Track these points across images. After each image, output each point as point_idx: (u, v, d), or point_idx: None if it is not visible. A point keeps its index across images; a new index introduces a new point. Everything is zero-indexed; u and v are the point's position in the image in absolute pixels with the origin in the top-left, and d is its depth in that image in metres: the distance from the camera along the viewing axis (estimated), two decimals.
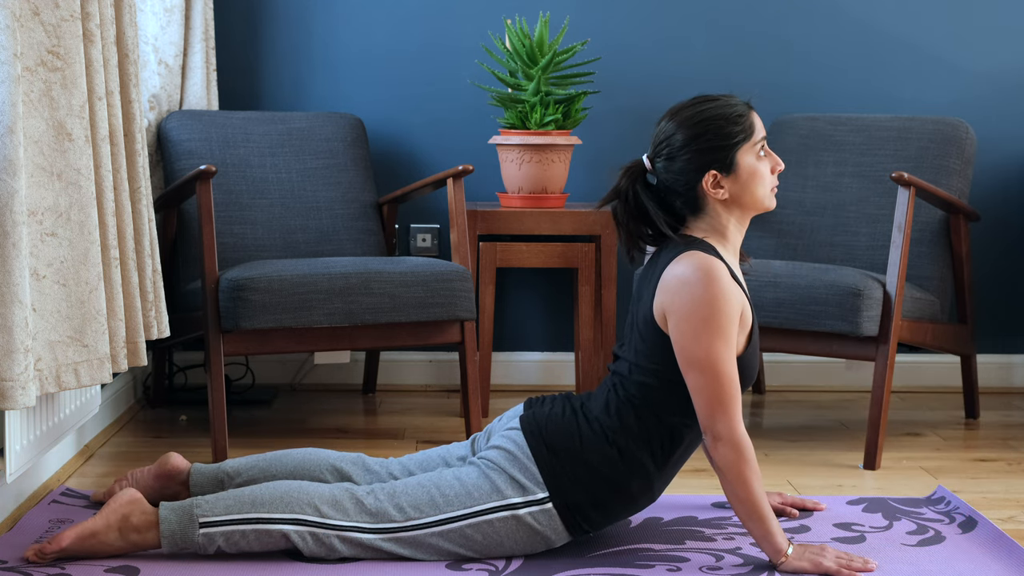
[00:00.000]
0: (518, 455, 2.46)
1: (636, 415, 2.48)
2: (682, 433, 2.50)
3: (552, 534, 2.46)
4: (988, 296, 4.18)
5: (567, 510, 2.45)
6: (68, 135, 2.51)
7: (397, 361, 4.17)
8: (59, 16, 2.49)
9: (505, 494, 2.44)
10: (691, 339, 2.39)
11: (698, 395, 2.41)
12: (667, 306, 2.43)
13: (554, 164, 3.79)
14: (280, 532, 2.41)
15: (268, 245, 3.68)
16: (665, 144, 2.51)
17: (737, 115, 2.49)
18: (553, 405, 2.55)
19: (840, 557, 2.42)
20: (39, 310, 2.45)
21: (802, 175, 3.85)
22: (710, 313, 2.39)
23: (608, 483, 2.46)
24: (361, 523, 2.43)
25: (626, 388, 2.50)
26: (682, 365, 2.42)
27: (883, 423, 3.24)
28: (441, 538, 2.44)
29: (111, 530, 2.42)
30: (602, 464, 2.46)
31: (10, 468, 2.57)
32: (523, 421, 2.52)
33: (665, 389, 2.47)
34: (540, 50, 3.76)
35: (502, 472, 2.46)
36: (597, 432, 2.48)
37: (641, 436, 2.47)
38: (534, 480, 2.44)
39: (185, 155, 3.70)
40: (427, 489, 2.46)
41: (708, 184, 2.47)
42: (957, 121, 3.75)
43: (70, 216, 2.52)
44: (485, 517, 2.43)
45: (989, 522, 2.69)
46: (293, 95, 4.11)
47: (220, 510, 2.41)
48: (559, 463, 2.45)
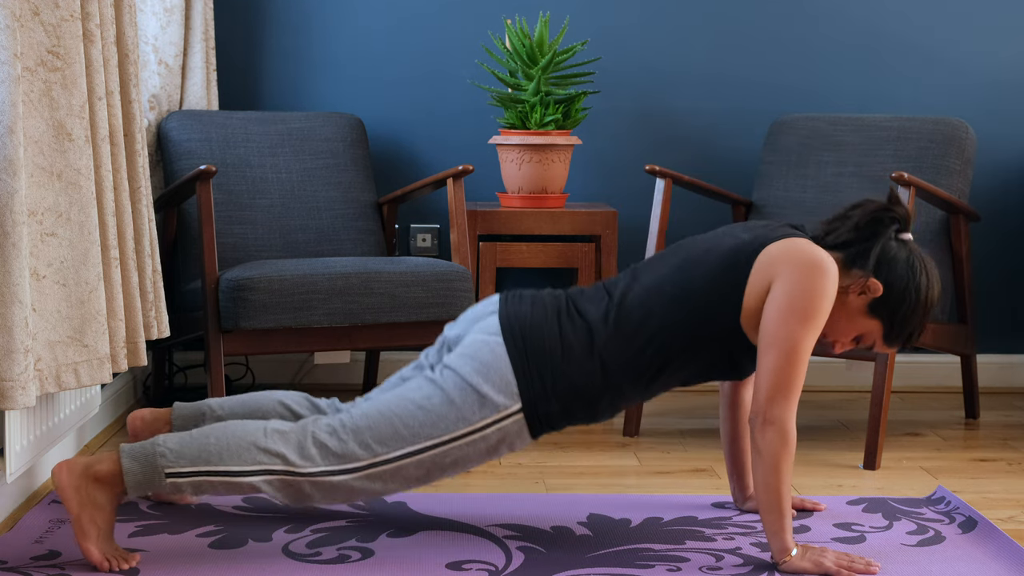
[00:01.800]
0: (493, 363, 2.43)
1: (637, 342, 2.45)
2: (675, 378, 2.49)
3: (518, 441, 2.45)
4: (988, 296, 4.18)
5: (536, 419, 2.44)
6: (68, 135, 2.51)
7: (397, 361, 4.17)
8: (59, 16, 2.49)
9: (472, 420, 2.41)
10: (786, 319, 2.38)
11: (769, 375, 2.38)
12: (776, 276, 2.41)
13: (554, 164, 3.79)
14: (249, 483, 2.40)
15: (268, 245, 3.68)
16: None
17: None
18: (535, 304, 2.51)
19: (841, 558, 2.42)
20: (39, 310, 2.45)
21: (802, 175, 3.85)
22: (812, 304, 2.39)
23: (581, 396, 2.45)
24: (329, 467, 2.41)
25: (638, 310, 2.46)
26: (766, 342, 2.40)
27: (883, 423, 3.24)
28: (411, 468, 2.42)
29: (84, 506, 2.38)
30: (580, 376, 2.44)
31: (10, 468, 2.57)
32: (503, 322, 2.48)
33: (686, 336, 2.45)
34: (540, 50, 3.76)
35: (473, 391, 2.42)
36: (584, 342, 2.45)
37: (631, 363, 2.46)
38: (507, 392, 2.42)
39: (185, 155, 3.70)
40: (390, 420, 2.43)
41: (866, 288, 2.49)
42: (957, 121, 3.75)
43: (70, 216, 2.52)
44: (454, 444, 2.42)
45: (989, 522, 2.69)
46: (293, 95, 4.11)
47: (186, 462, 2.39)
48: (537, 372, 2.43)
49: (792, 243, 2.45)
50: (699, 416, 3.80)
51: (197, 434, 2.43)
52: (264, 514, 2.74)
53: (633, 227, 4.10)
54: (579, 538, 2.61)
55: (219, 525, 2.67)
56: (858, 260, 2.49)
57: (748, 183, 4.08)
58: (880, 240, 2.49)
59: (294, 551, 2.51)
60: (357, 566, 2.43)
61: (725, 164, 4.14)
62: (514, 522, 2.71)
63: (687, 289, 2.46)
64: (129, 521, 2.68)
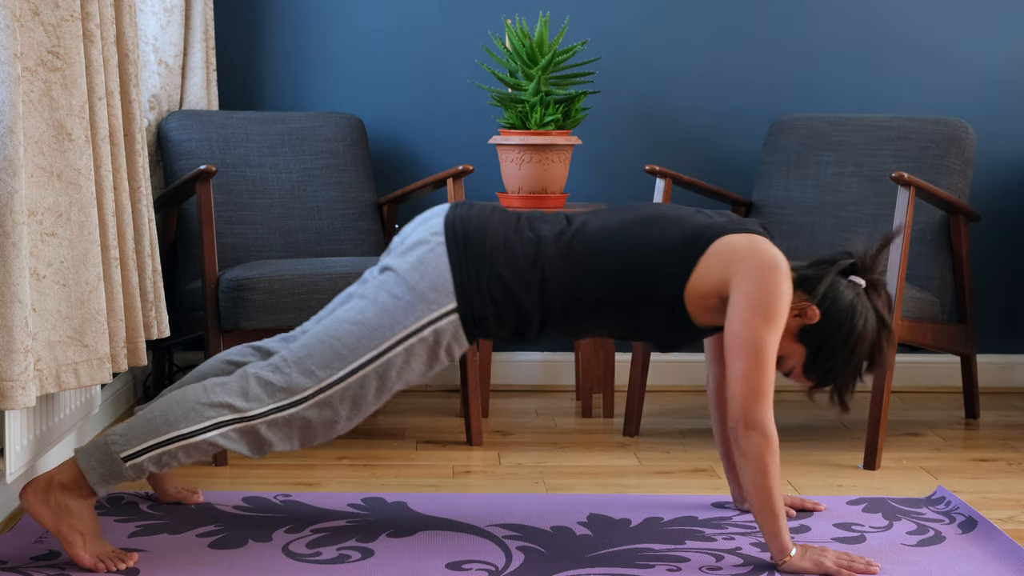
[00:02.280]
0: (431, 262, 2.44)
1: (580, 272, 2.46)
2: (606, 325, 2.50)
3: (455, 344, 2.44)
4: (988, 296, 4.18)
5: (472, 320, 2.43)
6: (68, 135, 2.50)
7: None
8: (59, 16, 2.49)
9: (407, 323, 2.41)
10: (749, 320, 2.39)
11: (741, 378, 2.39)
12: (734, 273, 2.42)
13: (554, 164, 3.79)
14: (206, 441, 2.40)
15: (268, 245, 3.68)
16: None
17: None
18: (484, 210, 2.52)
19: (842, 558, 2.42)
20: (39, 310, 2.45)
21: (802, 175, 3.85)
22: (773, 303, 2.40)
23: (514, 304, 2.45)
24: (277, 403, 2.42)
25: (592, 244, 2.47)
26: (731, 346, 2.41)
27: (883, 423, 3.24)
28: (359, 387, 2.42)
29: (60, 517, 2.38)
30: (517, 284, 2.44)
31: (10, 468, 2.57)
32: (447, 223, 2.48)
33: (627, 288, 2.46)
34: (540, 50, 3.76)
35: (408, 290, 2.42)
36: (529, 254, 2.46)
37: (570, 290, 2.46)
38: (443, 290, 2.42)
39: (185, 155, 3.70)
40: (328, 343, 2.43)
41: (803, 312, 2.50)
42: (957, 121, 3.75)
43: (70, 216, 2.51)
44: (394, 351, 2.41)
45: (989, 522, 2.69)
46: (293, 95, 4.11)
47: (138, 440, 2.39)
48: (474, 272, 2.43)
49: (753, 240, 2.46)
50: (699, 416, 3.81)
51: (142, 412, 2.44)
52: (264, 514, 2.74)
53: None
54: (579, 538, 2.61)
55: (219, 525, 2.67)
56: (806, 284, 2.51)
57: (748, 183, 4.08)
58: (832, 272, 2.51)
59: (294, 551, 2.51)
60: (357, 566, 2.43)
61: (725, 164, 4.14)
62: (514, 522, 2.71)
63: (642, 245, 2.47)
64: (129, 521, 2.68)
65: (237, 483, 3.03)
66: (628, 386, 3.61)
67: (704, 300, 2.46)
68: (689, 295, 2.46)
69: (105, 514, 2.72)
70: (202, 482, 3.03)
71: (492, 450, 3.38)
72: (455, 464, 3.24)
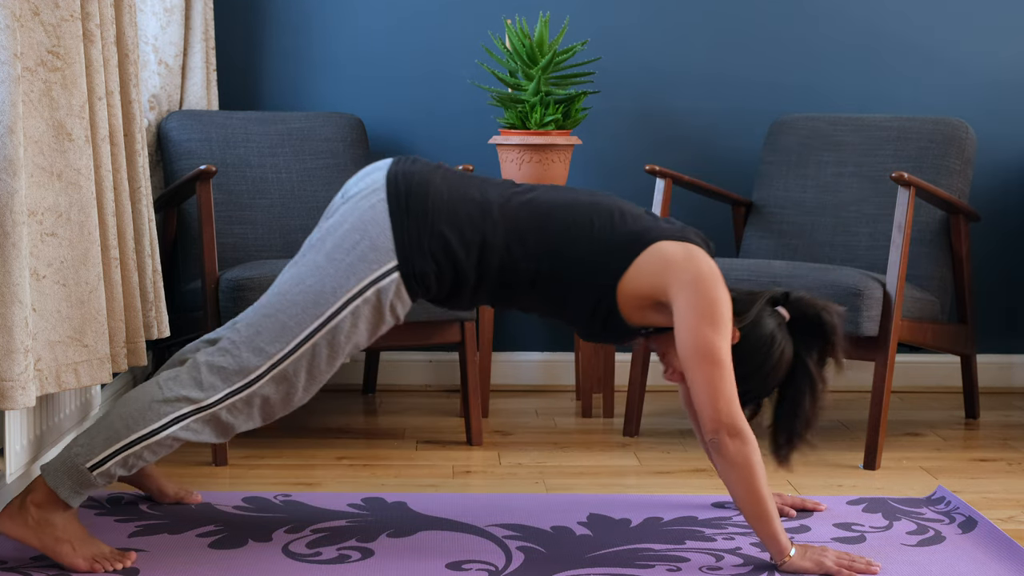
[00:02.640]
0: (372, 219, 2.42)
1: (521, 243, 2.45)
2: (536, 302, 2.50)
3: (399, 303, 2.42)
4: (988, 296, 4.18)
5: (413, 277, 2.42)
6: (68, 135, 2.50)
7: (397, 361, 4.17)
8: (59, 16, 2.49)
9: (349, 285, 2.40)
10: (698, 330, 2.38)
11: (705, 390, 2.38)
12: (672, 282, 2.42)
13: (554, 164, 3.79)
14: (169, 437, 2.40)
15: (268, 245, 3.68)
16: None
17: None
18: (429, 167, 2.50)
19: (842, 558, 2.42)
20: (39, 310, 2.45)
21: (802, 175, 3.85)
22: (718, 309, 2.40)
23: (453, 263, 2.44)
24: (233, 386, 2.41)
25: (538, 219, 2.47)
26: (687, 358, 2.40)
27: (883, 423, 3.24)
28: (310, 357, 2.41)
29: (43, 533, 2.38)
30: (458, 244, 2.43)
31: (10, 468, 2.57)
32: (389, 178, 2.46)
33: (562, 270, 2.46)
34: (540, 50, 3.76)
35: (350, 251, 2.41)
36: (473, 215, 2.45)
37: (507, 259, 2.45)
38: (383, 248, 2.40)
39: (185, 155, 3.70)
40: (274, 318, 2.41)
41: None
42: (957, 121, 3.75)
43: (70, 216, 2.51)
44: (340, 315, 2.40)
45: (989, 522, 2.69)
46: (293, 95, 4.11)
47: (100, 447, 2.38)
48: (415, 228, 2.41)
49: (690, 251, 2.45)
50: None
51: (99, 420, 2.43)
52: (264, 514, 2.74)
53: None
54: (579, 538, 2.61)
55: (219, 525, 2.67)
56: (736, 305, 2.51)
57: (748, 183, 4.08)
58: (763, 299, 2.52)
59: (294, 551, 2.51)
60: (357, 566, 2.43)
61: (725, 164, 4.14)
62: (514, 522, 2.71)
63: (586, 231, 2.46)
64: (129, 521, 2.68)
65: (237, 483, 3.03)
66: (628, 386, 3.61)
67: (636, 299, 2.45)
68: (622, 290, 2.45)
69: (105, 514, 2.72)
70: (202, 482, 3.03)
71: (492, 450, 3.38)
72: (455, 464, 3.24)
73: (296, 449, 3.36)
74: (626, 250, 2.45)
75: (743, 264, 3.42)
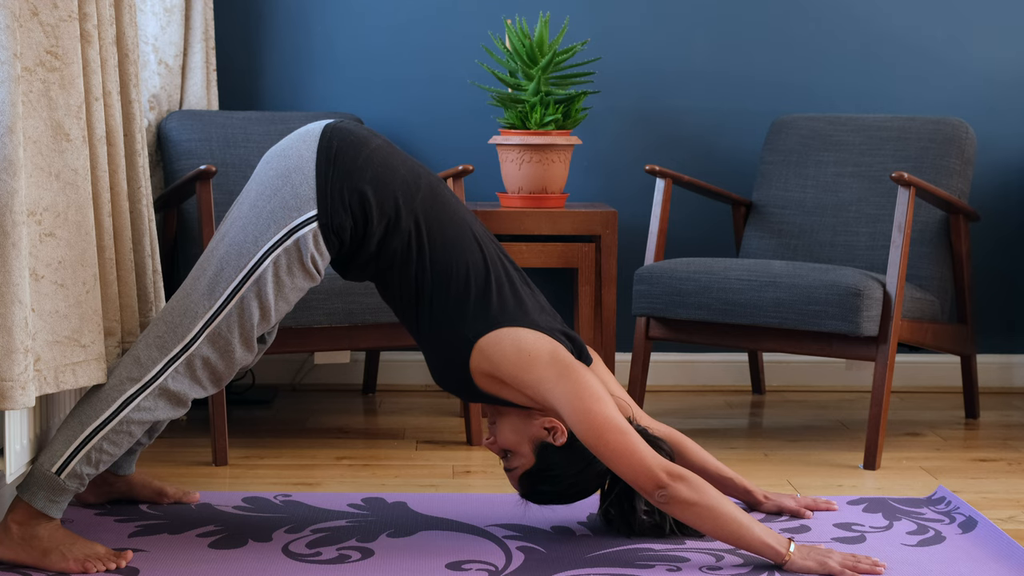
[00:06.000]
0: (298, 166, 2.42)
1: (431, 250, 2.46)
2: (404, 306, 2.50)
3: (319, 256, 2.41)
4: (988, 296, 4.18)
5: (331, 231, 2.41)
6: (66, 135, 2.50)
7: (397, 361, 4.17)
8: (57, 16, 2.49)
9: (269, 235, 2.40)
10: (584, 416, 2.40)
11: (620, 460, 2.39)
12: (537, 381, 2.44)
13: (554, 164, 3.79)
14: (125, 420, 2.41)
15: None
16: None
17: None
18: (371, 132, 2.52)
19: (847, 559, 2.40)
20: (38, 310, 2.45)
21: (802, 175, 3.85)
22: (584, 390, 2.42)
23: (365, 228, 2.44)
24: (170, 353, 2.42)
25: (452, 239, 2.48)
26: (592, 443, 2.40)
27: (883, 423, 3.24)
28: (240, 310, 2.41)
29: (30, 549, 2.39)
30: (374, 209, 2.42)
31: (10, 468, 2.57)
32: (325, 130, 2.46)
33: (440, 301, 2.47)
34: (540, 50, 3.76)
35: (271, 197, 2.41)
36: (401, 190, 2.45)
37: (410, 251, 2.45)
38: (305, 198, 2.40)
39: (185, 155, 3.70)
40: (200, 278, 2.44)
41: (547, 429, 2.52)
42: (957, 121, 3.75)
43: (68, 216, 2.51)
44: (263, 266, 2.40)
45: (989, 522, 2.69)
46: (293, 95, 4.11)
47: (60, 449, 2.41)
48: (338, 181, 2.41)
49: (520, 343, 2.44)
50: (699, 416, 3.81)
51: (60, 426, 2.47)
52: (264, 514, 2.74)
53: (633, 227, 4.10)
54: (579, 538, 2.61)
55: (219, 525, 2.67)
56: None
57: (748, 183, 4.08)
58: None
59: (294, 551, 2.51)
60: (357, 566, 2.43)
61: (725, 164, 4.14)
62: (514, 522, 2.71)
63: (476, 280, 2.47)
64: (129, 521, 2.69)
65: (237, 483, 3.04)
66: (628, 386, 3.61)
67: (487, 371, 2.45)
68: (476, 355, 2.45)
69: (105, 514, 2.73)
70: (202, 482, 3.03)
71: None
72: (455, 464, 3.24)
73: (296, 449, 3.36)
74: (484, 324, 2.45)
75: (743, 264, 3.42)
